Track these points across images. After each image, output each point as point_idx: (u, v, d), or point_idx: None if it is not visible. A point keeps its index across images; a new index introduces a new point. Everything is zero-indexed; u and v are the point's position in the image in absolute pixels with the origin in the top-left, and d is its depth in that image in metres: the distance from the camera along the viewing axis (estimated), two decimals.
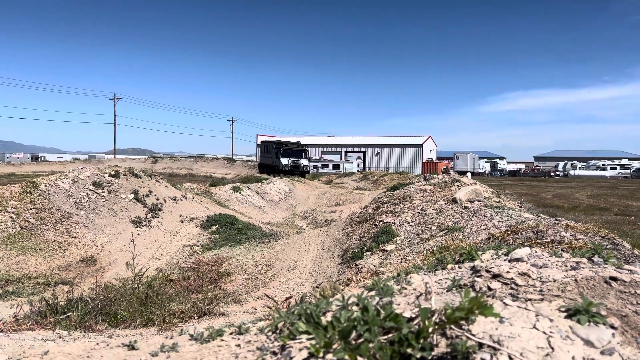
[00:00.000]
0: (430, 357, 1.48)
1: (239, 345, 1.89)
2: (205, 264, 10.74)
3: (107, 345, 2.42)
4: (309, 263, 10.20)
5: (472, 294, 1.65)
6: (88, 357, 2.05)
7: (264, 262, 10.59)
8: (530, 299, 1.78)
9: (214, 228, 13.89)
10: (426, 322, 1.47)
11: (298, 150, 44.58)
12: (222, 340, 2.04)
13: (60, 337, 4.26)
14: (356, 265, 8.13)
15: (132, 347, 2.15)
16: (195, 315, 7.06)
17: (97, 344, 2.40)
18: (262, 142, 51.69)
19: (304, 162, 44.10)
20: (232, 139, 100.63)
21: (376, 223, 10.08)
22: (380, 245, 8.79)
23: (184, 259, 11.56)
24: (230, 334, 2.15)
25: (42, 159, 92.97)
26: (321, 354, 1.52)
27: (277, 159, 42.55)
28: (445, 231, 8.14)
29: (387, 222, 9.82)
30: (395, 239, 8.89)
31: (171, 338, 2.33)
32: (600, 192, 36.08)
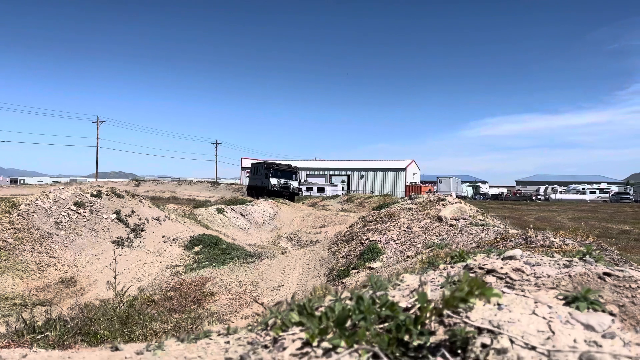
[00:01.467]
0: (429, 344, 1.44)
1: (228, 342, 1.82)
2: (189, 284, 10.53)
3: (89, 350, 2.32)
4: (294, 282, 10.07)
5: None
6: (69, 357, 1.95)
7: (249, 282, 10.43)
8: (526, 290, 1.76)
9: (197, 248, 13.69)
10: (424, 306, 1.43)
11: (288, 171, 42.89)
12: (210, 339, 1.97)
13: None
14: (343, 282, 8.04)
15: (115, 348, 2.06)
16: (177, 334, 6.87)
17: (79, 348, 2.30)
18: (252, 164, 49.70)
19: (294, 183, 42.36)
20: (217, 162, 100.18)
21: (362, 241, 10.03)
22: (367, 263, 8.72)
23: (166, 280, 11.33)
24: (219, 335, 2.08)
25: (22, 182, 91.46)
26: (316, 342, 1.47)
27: (266, 179, 40.75)
28: (431, 248, 8.12)
29: (373, 240, 9.78)
30: (381, 257, 8.84)
31: (156, 341, 2.24)
32: (581, 215, 36.57)
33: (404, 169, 74.82)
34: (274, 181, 40.36)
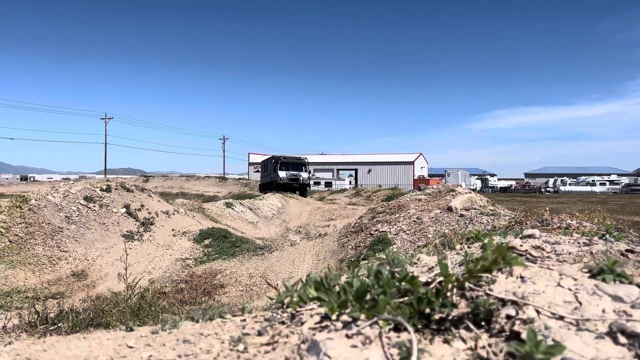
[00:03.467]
0: (451, 316, 1.40)
1: (244, 320, 1.80)
2: (199, 277, 10.56)
3: (103, 335, 2.32)
4: (304, 274, 10.06)
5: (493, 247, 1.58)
6: (85, 338, 1.94)
7: (259, 273, 10.44)
8: (549, 264, 1.71)
9: (207, 242, 13.72)
10: (446, 278, 1.40)
11: (298, 163, 41.44)
12: (225, 318, 1.94)
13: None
14: None
15: (130, 329, 2.05)
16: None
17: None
18: (261, 161, 47.95)
19: (304, 175, 40.66)
20: (224, 157, 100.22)
21: (372, 232, 10.00)
22: (377, 254, 8.67)
23: (176, 272, 11.37)
24: (234, 315, 2.05)
25: (32, 179, 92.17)
26: (335, 315, 1.44)
27: (275, 173, 39.65)
28: (442, 238, 8.07)
29: (382, 231, 9.74)
30: (391, 247, 8.80)
31: (171, 322, 2.22)
32: (591, 207, 35.86)
33: (412, 163, 74.58)
34: (282, 174, 39.14)
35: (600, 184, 72.16)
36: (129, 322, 6.36)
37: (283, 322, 1.63)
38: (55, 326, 5.64)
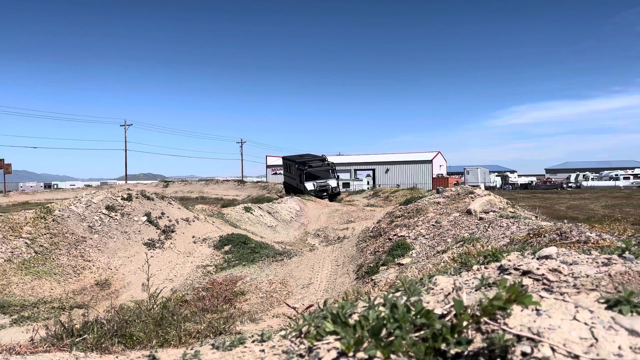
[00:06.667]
0: (466, 352, 1.42)
1: (263, 351, 1.83)
2: (220, 284, 10.66)
3: (128, 357, 2.37)
4: (323, 280, 10.09)
5: (510, 283, 1.58)
6: None
7: (278, 280, 10.50)
8: (565, 293, 1.71)
9: (226, 248, 13.84)
10: (461, 315, 1.41)
11: (324, 170, 39.57)
12: (245, 347, 1.98)
13: (77, 359, 4.21)
14: (372, 280, 8.01)
15: (153, 357, 2.09)
16: (211, 334, 6.97)
17: (117, 357, 2.35)
18: (283, 159, 46.72)
19: (332, 183, 38.89)
20: (242, 160, 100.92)
21: (390, 237, 9.98)
22: (396, 259, 8.67)
23: (198, 280, 11.50)
24: (253, 341, 2.09)
25: (55, 186, 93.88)
26: (352, 352, 1.46)
27: (302, 184, 38.17)
28: (461, 242, 8.02)
29: (401, 235, 9.72)
30: (410, 253, 8.78)
31: (192, 349, 2.27)
32: (614, 202, 35.57)
33: (430, 161, 74.10)
34: (309, 185, 37.82)
35: (624, 178, 70.60)
36: (151, 334, 6.45)
37: (301, 355, 1.66)
38: (81, 338, 5.76)
